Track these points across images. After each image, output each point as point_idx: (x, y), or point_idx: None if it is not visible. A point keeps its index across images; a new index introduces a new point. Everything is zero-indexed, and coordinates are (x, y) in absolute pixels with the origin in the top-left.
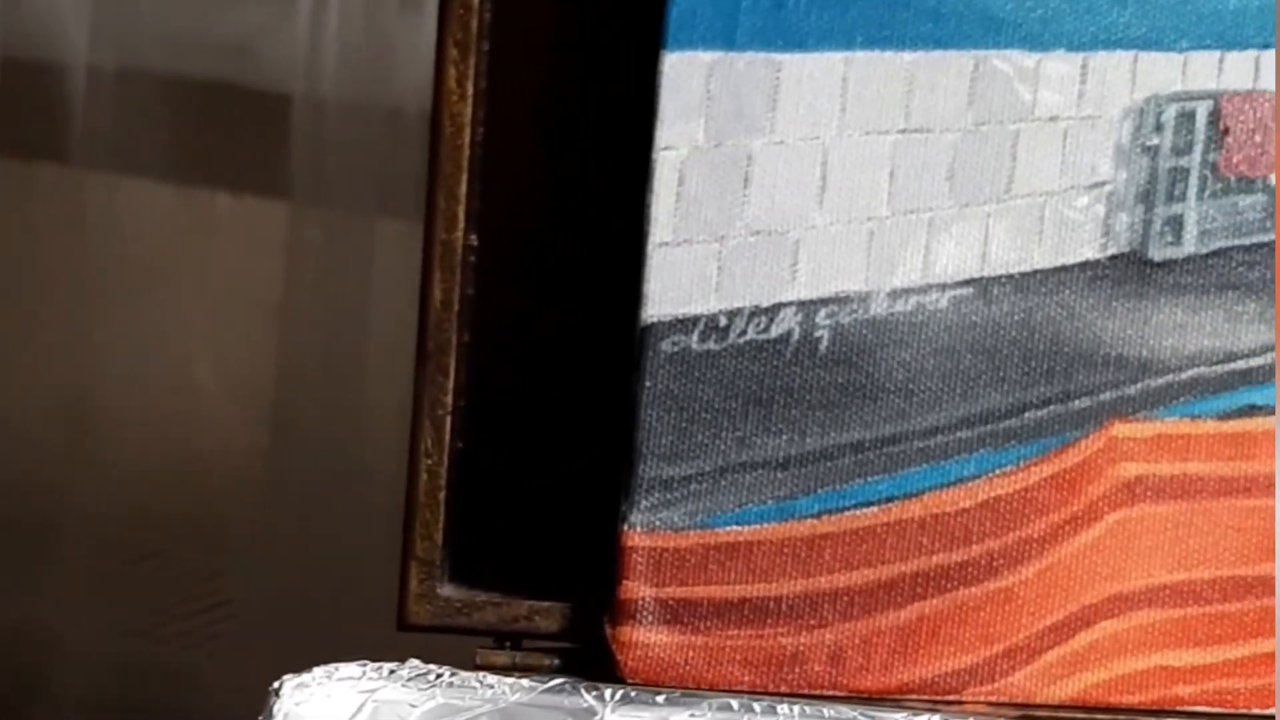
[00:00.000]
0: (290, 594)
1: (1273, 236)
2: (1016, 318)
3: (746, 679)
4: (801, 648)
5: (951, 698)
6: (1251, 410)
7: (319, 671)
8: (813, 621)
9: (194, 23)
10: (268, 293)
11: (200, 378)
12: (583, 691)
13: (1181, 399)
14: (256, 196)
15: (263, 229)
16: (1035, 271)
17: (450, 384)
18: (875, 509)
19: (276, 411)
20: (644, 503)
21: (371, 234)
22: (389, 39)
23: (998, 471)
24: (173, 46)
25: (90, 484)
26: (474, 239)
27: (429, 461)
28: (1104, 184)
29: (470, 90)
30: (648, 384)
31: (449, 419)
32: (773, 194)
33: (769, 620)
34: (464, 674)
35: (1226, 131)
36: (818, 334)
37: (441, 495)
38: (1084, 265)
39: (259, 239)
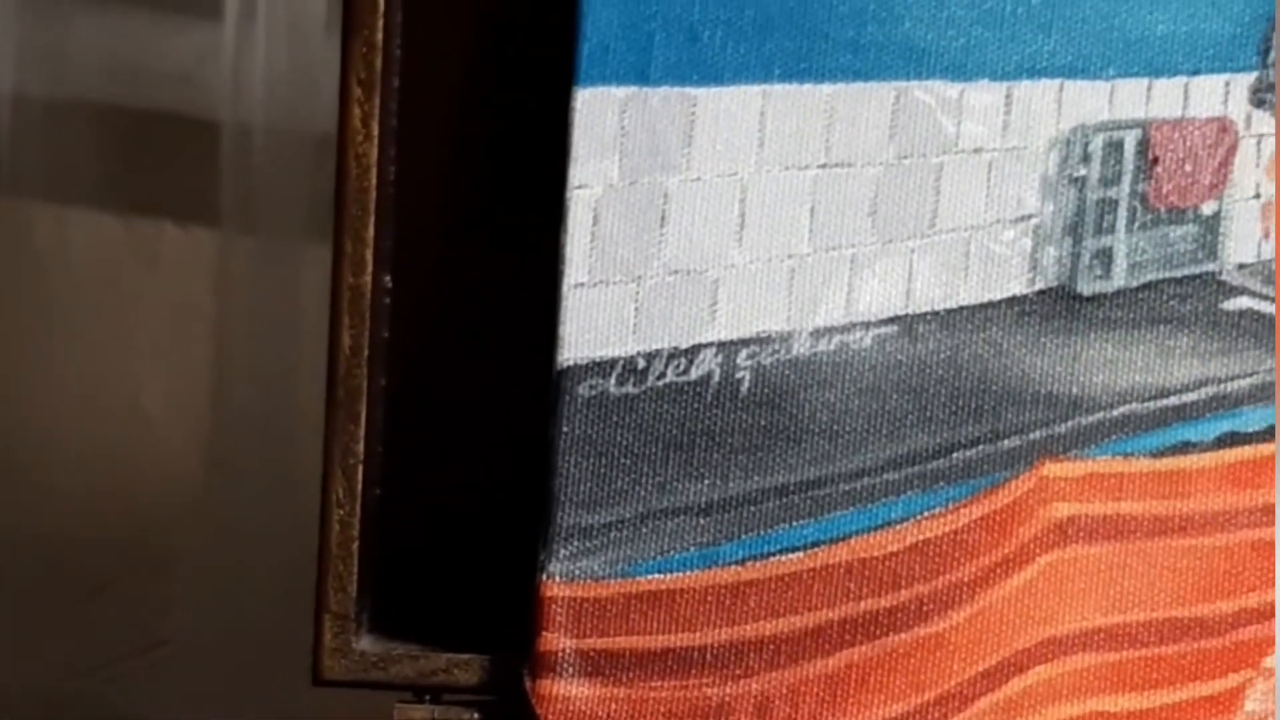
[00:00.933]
0: (234, 631)
1: (1204, 268)
2: (943, 356)
3: None
4: (727, 698)
5: None
6: (1185, 447)
7: None
8: (738, 671)
9: (120, 51)
10: (202, 321)
11: (148, 407)
12: None
13: (1113, 437)
14: (187, 224)
15: (194, 256)
16: (961, 308)
17: (361, 432)
18: (801, 554)
19: (214, 442)
20: (563, 551)
21: (302, 260)
22: (315, 65)
23: (926, 514)
24: (98, 75)
25: (33, 516)
26: (388, 280)
27: (341, 512)
28: (1030, 217)
29: (376, 130)
30: (565, 429)
31: (360, 468)
32: (690, 232)
33: (693, 671)
34: None
35: (1156, 161)
36: (739, 375)
37: (355, 546)
38: (1011, 301)
39: (190, 266)
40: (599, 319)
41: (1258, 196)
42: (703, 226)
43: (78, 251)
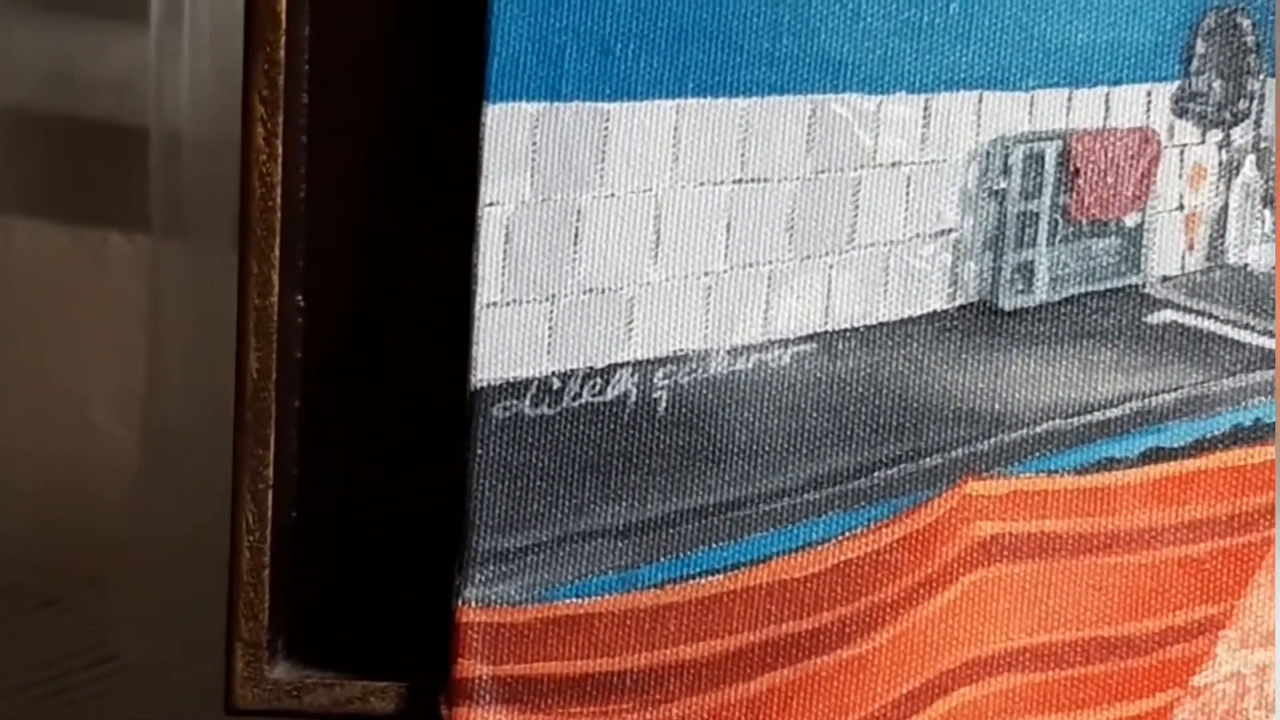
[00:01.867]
0: (184, 646)
1: (1128, 281)
2: (863, 373)
3: None
4: None
5: None
6: (1110, 464)
7: None
8: (658, 696)
9: (48, 59)
10: (140, 328)
11: (96, 417)
12: None
13: (1036, 454)
14: (121, 231)
15: (132, 264)
16: (881, 324)
17: (270, 456)
18: (721, 577)
19: (155, 451)
20: (478, 576)
21: (233, 266)
22: (239, 72)
23: (847, 534)
24: (26, 82)
25: None
26: (300, 300)
27: (251, 538)
28: (950, 231)
29: (280, 149)
30: (479, 452)
31: (270, 492)
32: (604, 250)
33: (613, 696)
34: None
35: (1077, 173)
36: (656, 395)
37: (265, 573)
38: (931, 316)
39: (128, 273)
40: (512, 339)
41: (1181, 208)
42: (617, 244)
43: (19, 259)
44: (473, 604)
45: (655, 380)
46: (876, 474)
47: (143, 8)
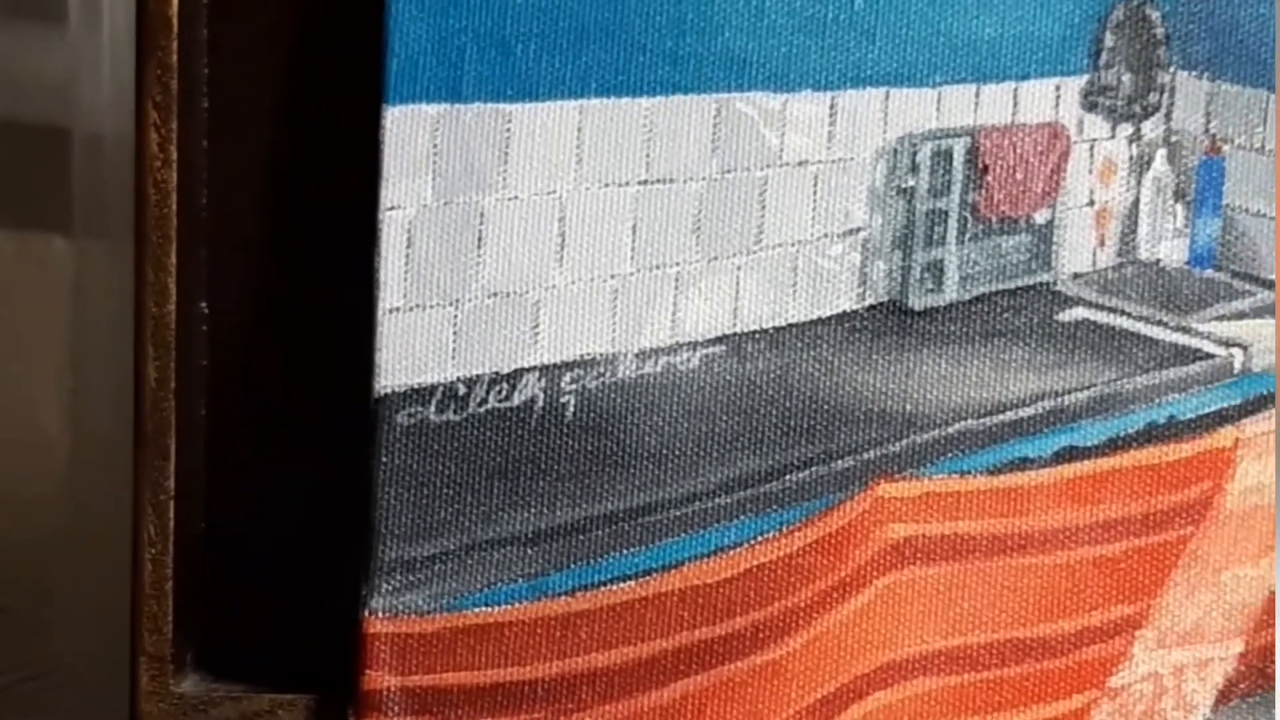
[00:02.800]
0: (123, 657)
1: (1039, 279)
2: (772, 375)
3: None
4: None
5: None
6: (1023, 463)
7: None
8: (570, 705)
9: None
10: (61, 332)
11: (45, 425)
12: None
13: (949, 454)
14: (43, 233)
15: (47, 265)
16: (790, 325)
17: (171, 467)
18: (632, 583)
19: (87, 457)
20: (385, 586)
21: None
22: None
23: (759, 538)
24: None
25: None
26: (204, 307)
27: (153, 551)
28: (858, 230)
29: (175, 155)
30: (384, 459)
31: (172, 504)
32: (509, 253)
33: (524, 705)
34: None
35: (986, 169)
36: (563, 400)
37: (168, 585)
38: (841, 317)
39: (44, 276)
40: (416, 344)
41: (1091, 203)
42: (521, 247)
43: None
44: (380, 614)
45: (562, 385)
46: (788, 477)
47: (61, 9)
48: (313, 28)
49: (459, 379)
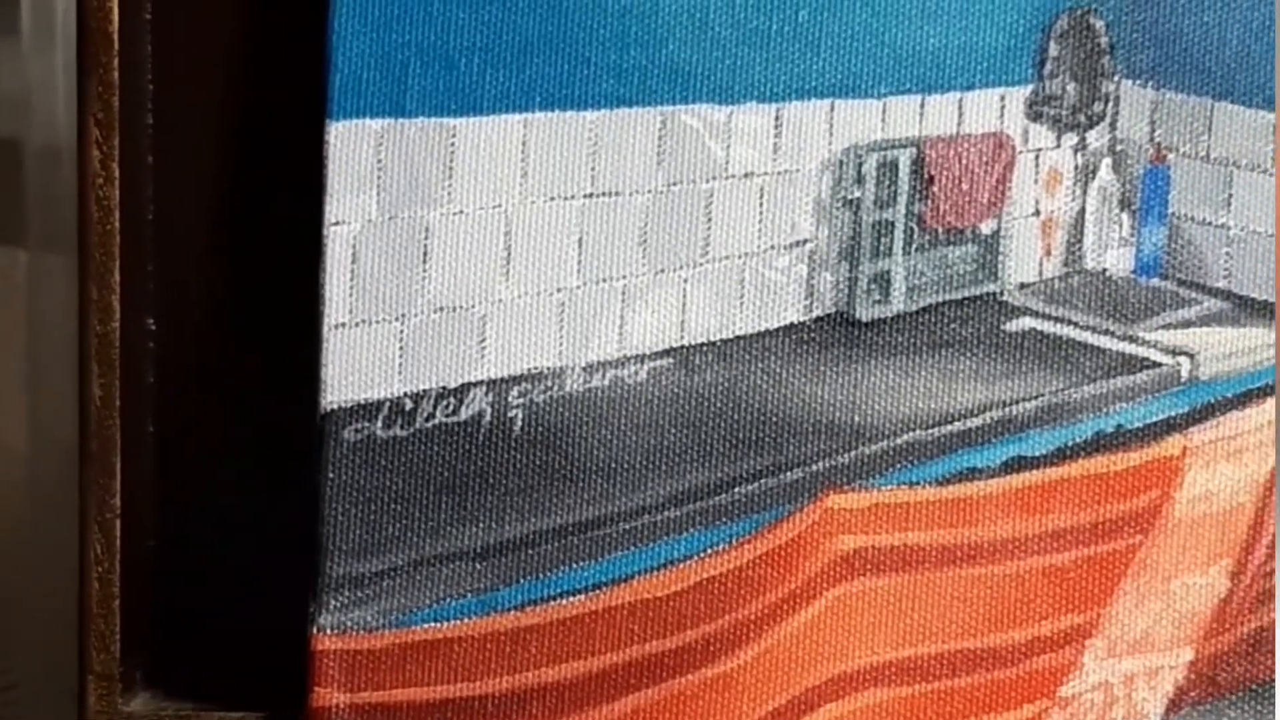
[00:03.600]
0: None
1: (985, 289)
2: (720, 388)
3: None
4: None
5: None
6: (971, 474)
7: None
8: None
9: None
10: (19, 344)
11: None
12: None
13: (898, 465)
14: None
15: (3, 277)
16: (738, 338)
17: (117, 484)
18: (582, 597)
19: (45, 471)
20: (333, 603)
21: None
22: None
23: (709, 551)
24: None
25: None
26: (151, 324)
27: (100, 569)
28: (805, 242)
29: (117, 172)
30: (331, 475)
31: (119, 521)
32: (454, 267)
33: None
34: None
35: (932, 180)
36: (511, 414)
37: (116, 604)
38: (789, 329)
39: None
40: (362, 360)
41: (1037, 213)
42: (467, 261)
43: None
44: (328, 631)
45: (510, 399)
46: (737, 489)
47: (14, 23)
48: (258, 43)
49: (406, 394)
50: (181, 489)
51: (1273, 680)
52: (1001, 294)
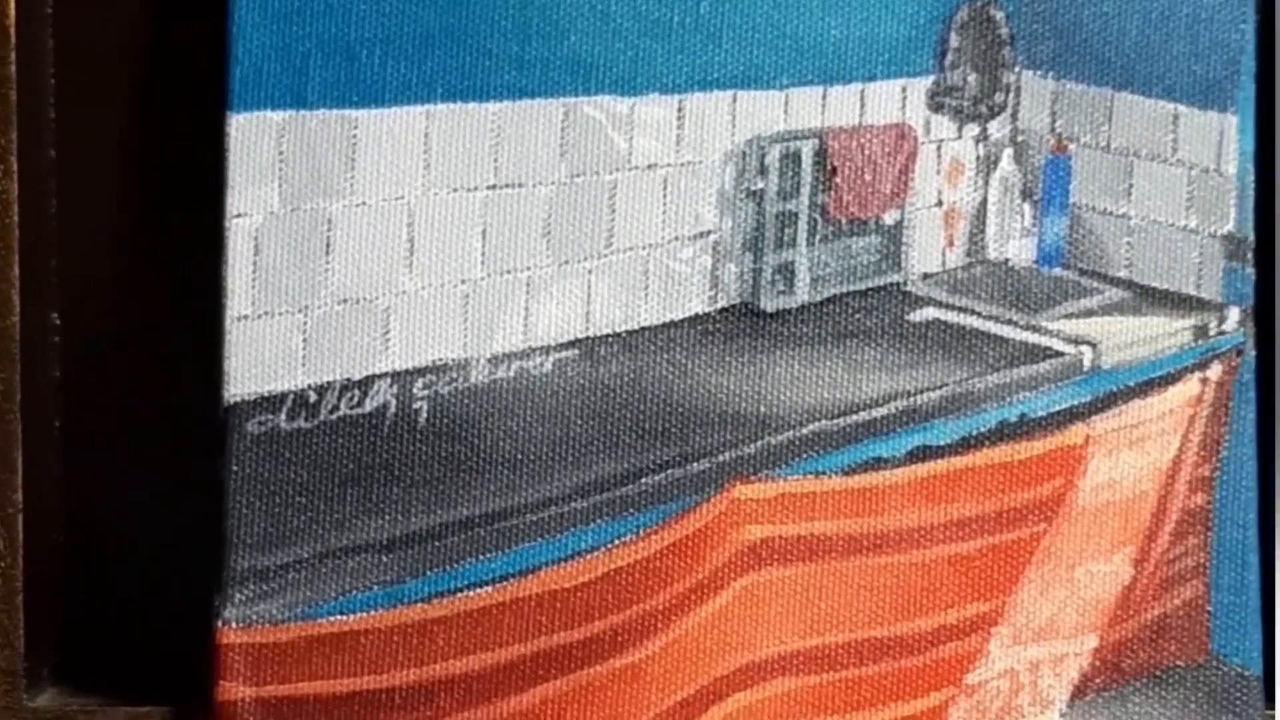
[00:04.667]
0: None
1: (889, 279)
2: (626, 379)
3: None
4: None
5: None
6: (877, 463)
7: None
8: (429, 713)
9: None
10: None
11: None
12: None
13: (804, 455)
14: None
15: None
16: (643, 329)
17: (19, 479)
18: (489, 589)
19: None
20: (238, 596)
21: None
22: None
23: (616, 542)
24: None
25: None
26: (55, 318)
27: (2, 564)
28: (709, 233)
29: (15, 166)
30: (235, 468)
31: (20, 516)
32: (357, 259)
33: (381, 714)
34: None
35: (834, 171)
36: (416, 406)
37: (19, 599)
38: (694, 320)
39: None
40: (266, 352)
41: (940, 204)
42: (370, 253)
43: None
44: (233, 624)
45: (415, 390)
46: (644, 480)
47: None
48: (160, 37)
49: (310, 386)
50: (87, 483)
51: (1175, 666)
52: (905, 284)
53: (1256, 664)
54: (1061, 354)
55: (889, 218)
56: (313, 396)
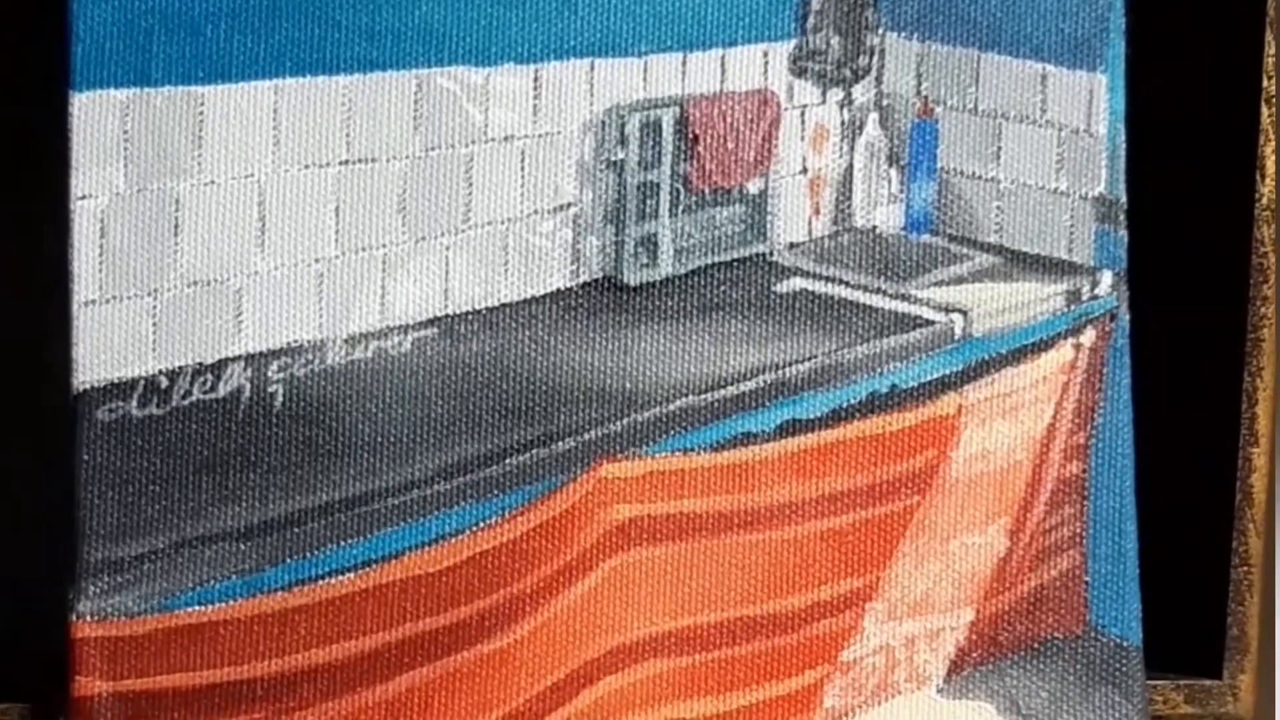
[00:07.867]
0: None
1: (755, 250)
2: (487, 357)
3: None
4: None
5: None
6: (746, 438)
7: None
8: (291, 704)
9: None
10: None
11: None
12: None
13: (671, 432)
14: None
15: None
16: (503, 305)
17: None
18: (351, 575)
19: None
20: (92, 589)
21: None
22: None
23: (482, 525)
24: None
25: None
26: None
27: None
28: (569, 206)
29: None
30: (86, 457)
31: None
32: (207, 240)
33: (243, 706)
34: None
35: (696, 140)
36: (271, 389)
37: None
38: (555, 295)
39: None
40: (114, 337)
41: (805, 171)
42: (220, 233)
43: None
44: (88, 618)
45: (269, 374)
46: (508, 461)
47: None
48: (6, 16)
49: (160, 371)
50: None
51: (1053, 638)
52: (771, 254)
53: (1135, 634)
54: (932, 322)
55: (753, 186)
56: (164, 382)
